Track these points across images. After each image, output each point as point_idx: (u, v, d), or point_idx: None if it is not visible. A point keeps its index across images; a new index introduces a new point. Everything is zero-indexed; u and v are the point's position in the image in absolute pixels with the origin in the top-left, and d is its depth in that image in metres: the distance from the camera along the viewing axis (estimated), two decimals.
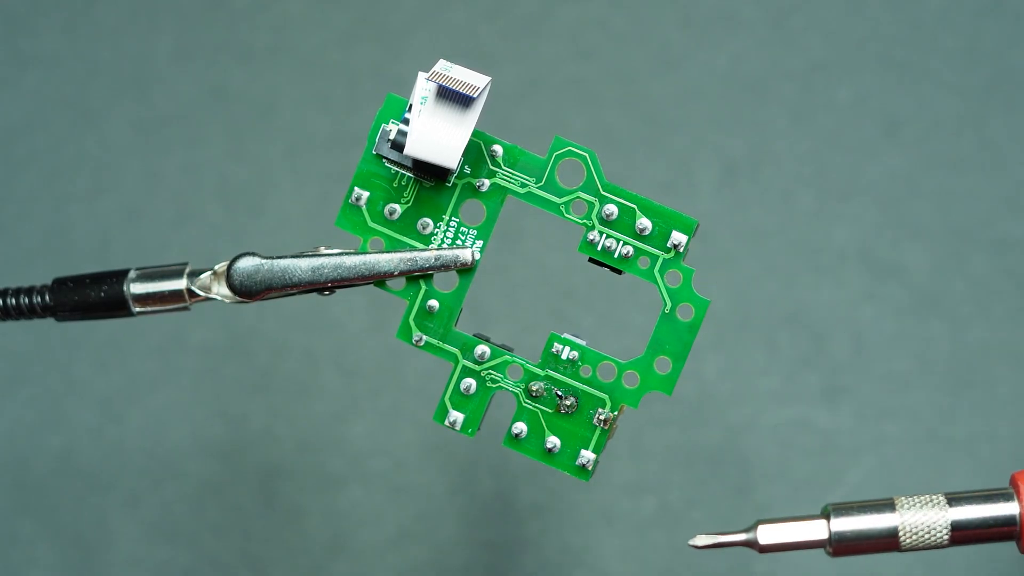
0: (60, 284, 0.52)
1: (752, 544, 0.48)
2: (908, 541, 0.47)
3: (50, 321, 0.52)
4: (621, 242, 0.50)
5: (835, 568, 0.85)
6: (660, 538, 0.85)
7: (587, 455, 0.51)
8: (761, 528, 0.48)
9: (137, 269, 0.52)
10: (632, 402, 0.50)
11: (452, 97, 0.48)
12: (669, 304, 0.50)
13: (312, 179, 0.91)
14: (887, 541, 0.47)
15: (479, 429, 0.51)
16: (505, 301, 0.88)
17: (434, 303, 0.51)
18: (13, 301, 0.52)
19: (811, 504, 0.85)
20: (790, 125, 0.90)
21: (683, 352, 0.50)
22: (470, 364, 0.51)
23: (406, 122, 0.49)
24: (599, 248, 0.50)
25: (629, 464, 0.86)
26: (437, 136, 0.49)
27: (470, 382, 0.51)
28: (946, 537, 0.47)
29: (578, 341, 0.51)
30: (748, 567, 0.85)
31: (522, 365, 0.51)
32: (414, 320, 0.51)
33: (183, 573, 0.86)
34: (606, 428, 0.51)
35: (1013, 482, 0.48)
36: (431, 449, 0.87)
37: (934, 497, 0.48)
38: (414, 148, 0.49)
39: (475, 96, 0.48)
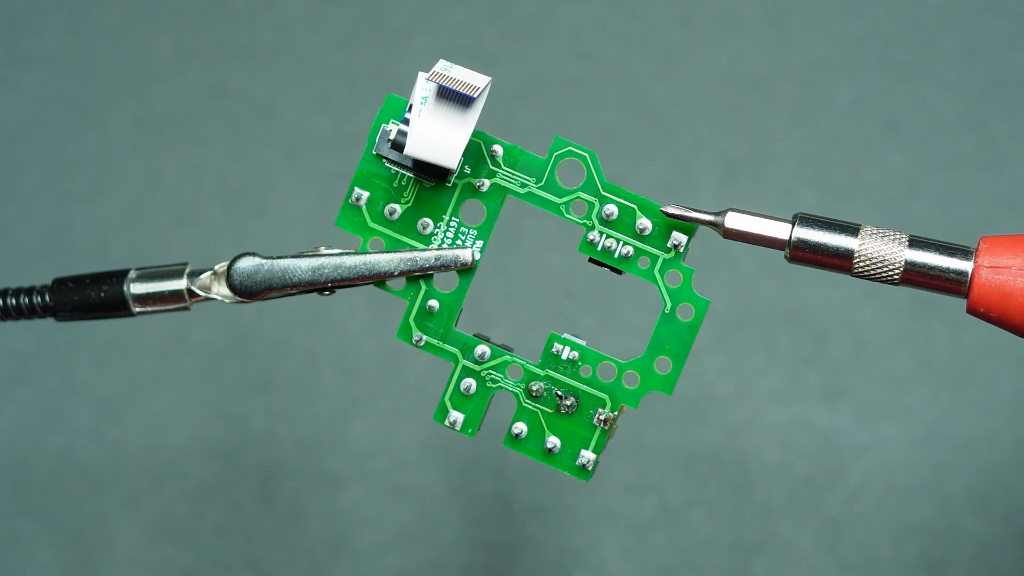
0: (60, 284, 0.52)
1: (718, 226, 0.49)
2: (860, 267, 0.48)
3: (50, 321, 0.52)
4: (621, 242, 0.50)
5: (836, 567, 0.85)
6: (660, 538, 0.85)
7: (587, 455, 0.51)
8: (731, 214, 0.49)
9: (137, 269, 0.52)
10: (632, 402, 0.50)
11: (452, 97, 0.48)
12: (669, 304, 0.50)
13: (312, 179, 0.91)
14: (842, 261, 0.48)
15: (479, 429, 0.51)
16: (505, 301, 0.88)
17: (434, 303, 0.51)
18: (13, 301, 0.52)
19: (810, 504, 0.85)
20: (790, 125, 0.90)
21: (683, 352, 0.50)
22: (470, 364, 0.51)
23: (406, 122, 0.49)
24: (599, 248, 0.50)
25: (629, 464, 0.86)
26: (437, 136, 0.49)
27: (470, 382, 0.51)
28: (897, 275, 0.48)
29: (578, 341, 0.51)
30: (749, 567, 0.85)
31: (522, 365, 0.51)
32: (414, 320, 0.51)
33: (183, 573, 0.86)
34: (606, 428, 0.50)
35: (979, 243, 0.48)
36: (431, 449, 0.87)
37: (898, 234, 0.48)
38: (414, 148, 0.49)
39: (475, 96, 0.48)
